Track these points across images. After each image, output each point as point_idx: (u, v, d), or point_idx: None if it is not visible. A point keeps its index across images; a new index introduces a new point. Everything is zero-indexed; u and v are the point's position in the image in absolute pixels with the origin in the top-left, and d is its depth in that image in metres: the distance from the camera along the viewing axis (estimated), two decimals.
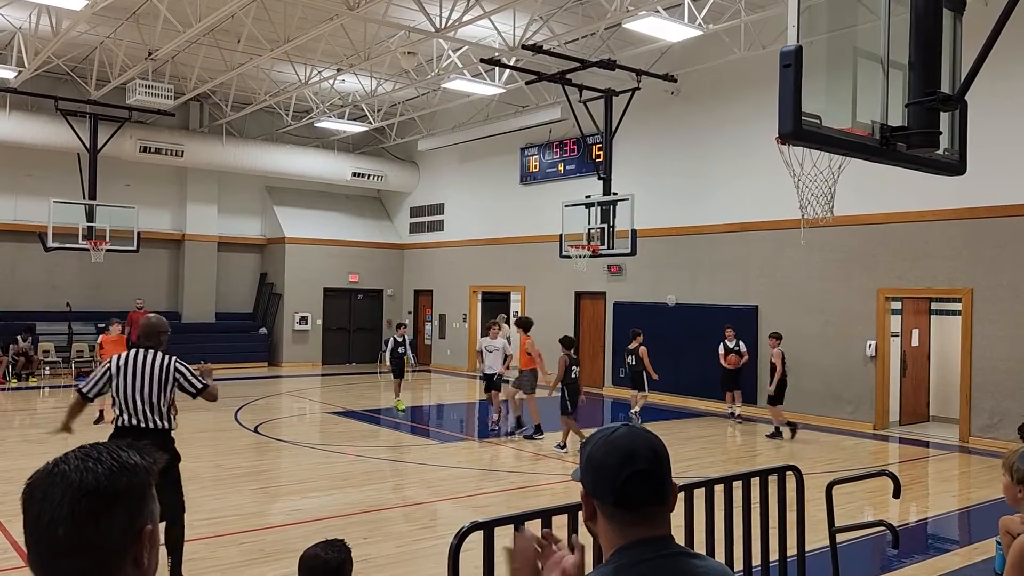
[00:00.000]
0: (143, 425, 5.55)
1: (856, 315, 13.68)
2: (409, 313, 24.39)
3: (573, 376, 11.32)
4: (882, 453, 11.99)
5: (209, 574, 6.06)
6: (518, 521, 3.20)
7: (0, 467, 9.61)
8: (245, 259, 23.44)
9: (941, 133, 3.96)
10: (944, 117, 4.02)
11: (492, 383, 12.99)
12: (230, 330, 22.52)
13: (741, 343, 14.08)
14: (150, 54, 15.13)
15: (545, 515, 3.38)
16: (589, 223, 15.25)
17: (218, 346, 21.49)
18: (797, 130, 3.75)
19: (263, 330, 22.76)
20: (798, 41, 3.80)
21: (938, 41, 3.94)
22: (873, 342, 13.47)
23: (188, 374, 5.77)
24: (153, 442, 4.77)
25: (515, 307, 22.63)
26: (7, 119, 18.27)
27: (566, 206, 15.95)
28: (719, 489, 4.37)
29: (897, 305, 13.91)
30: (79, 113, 18.49)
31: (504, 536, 3.34)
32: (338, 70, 16.25)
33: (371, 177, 23.48)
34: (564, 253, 15.81)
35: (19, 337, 18.12)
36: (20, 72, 15.86)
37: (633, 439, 1.56)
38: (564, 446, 11.32)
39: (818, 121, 3.86)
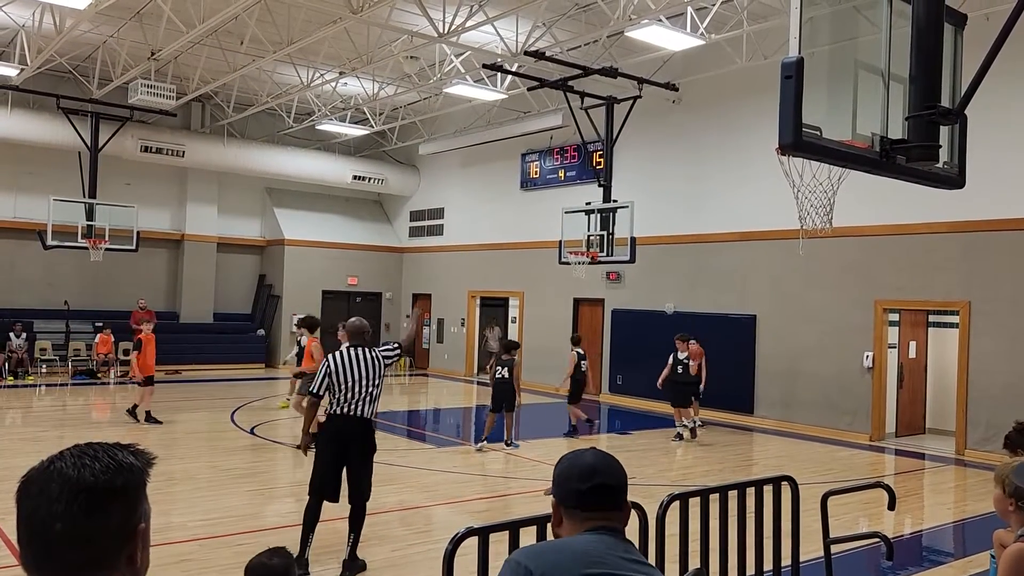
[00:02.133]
0: (358, 414, 6.19)
1: (854, 326, 13.69)
2: (407, 316, 24.37)
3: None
4: (878, 464, 12.00)
5: (205, 575, 6.05)
6: (513, 527, 3.21)
7: None
8: (244, 260, 23.43)
9: (941, 146, 3.98)
10: (944, 130, 4.04)
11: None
12: (228, 331, 22.50)
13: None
14: (153, 54, 15.14)
15: (540, 522, 3.38)
16: (589, 230, 15.27)
17: (216, 347, 21.49)
18: (797, 141, 3.77)
19: (261, 331, 22.74)
20: (799, 52, 3.82)
21: (939, 55, 3.96)
22: (870, 353, 13.48)
23: (387, 350, 6.55)
24: (365, 428, 5.00)
25: (513, 312, 22.65)
26: (8, 117, 18.28)
27: (566, 212, 15.96)
28: (714, 498, 4.37)
29: (895, 317, 13.93)
30: (81, 112, 18.51)
31: (500, 541, 3.34)
32: (340, 73, 16.28)
33: (371, 180, 23.50)
34: (563, 259, 15.83)
35: (11, 333, 18.06)
36: (22, 70, 15.88)
37: (596, 458, 1.88)
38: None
39: (818, 132, 3.87)
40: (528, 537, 3.35)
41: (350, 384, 6.20)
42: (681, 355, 13.03)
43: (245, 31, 14.13)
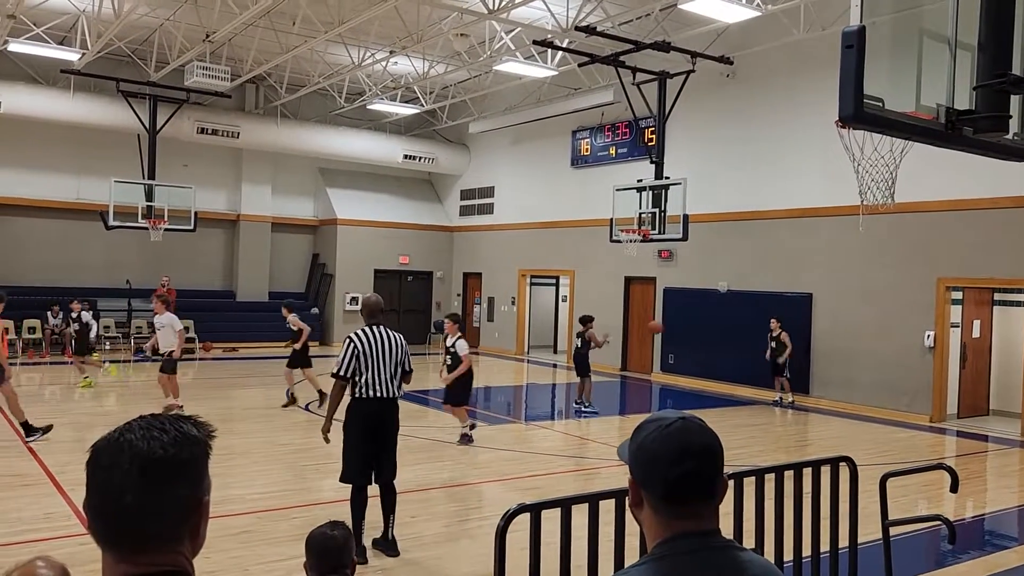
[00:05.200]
0: (387, 396, 6.06)
1: (915, 304, 13.32)
2: (458, 295, 24.53)
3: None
4: (938, 446, 11.70)
5: (260, 547, 6.20)
6: (565, 504, 3.21)
7: (65, 438, 9.97)
8: (298, 239, 23.79)
9: (1011, 117, 3.81)
10: (1015, 100, 3.86)
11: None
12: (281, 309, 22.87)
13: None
14: (208, 36, 15.37)
15: (592, 499, 3.37)
16: (640, 207, 15.10)
17: (271, 324, 21.86)
18: (858, 113, 3.65)
19: (315, 310, 23.11)
20: (861, 21, 3.69)
21: (1010, 20, 3.78)
22: (932, 332, 13.11)
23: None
24: (395, 409, 4.94)
25: (564, 291, 22.59)
26: (71, 100, 18.79)
27: (617, 190, 15.81)
28: (770, 478, 4.31)
29: (958, 295, 13.51)
30: (139, 95, 18.92)
31: (552, 518, 3.35)
32: (391, 52, 16.32)
33: (422, 159, 23.59)
34: (614, 238, 15.70)
35: (48, 313, 18.54)
36: (84, 54, 16.28)
37: (688, 435, 1.53)
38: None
39: (880, 104, 3.75)
40: (580, 515, 3.34)
41: (378, 365, 6.03)
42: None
43: (297, 12, 14.24)
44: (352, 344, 6.03)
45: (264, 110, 21.94)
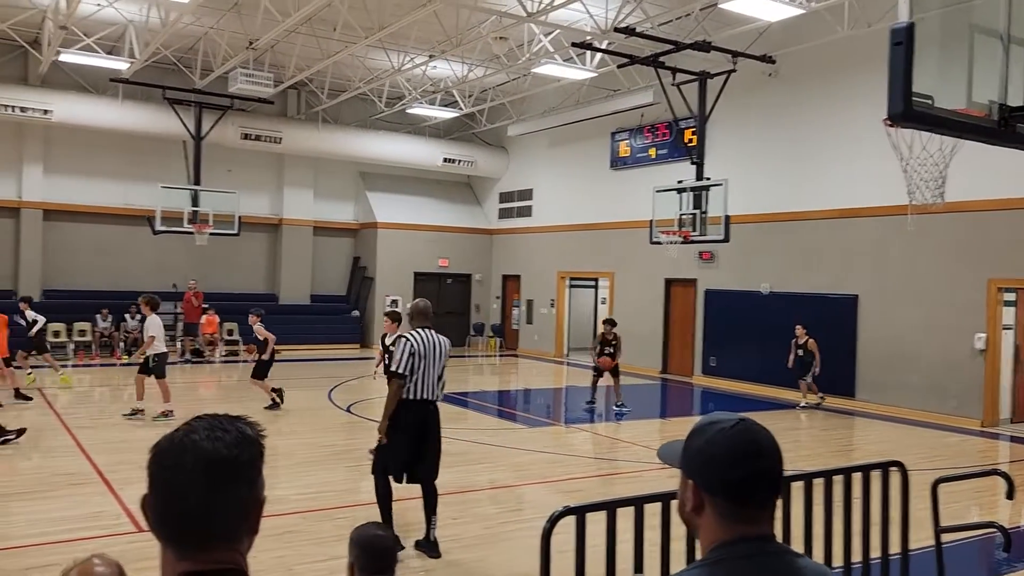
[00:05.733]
0: (432, 398, 6.11)
1: (964, 306, 13.00)
2: (497, 298, 24.57)
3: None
4: (990, 451, 11.40)
5: (305, 547, 6.27)
6: (610, 507, 3.18)
7: (111, 438, 10.19)
8: (339, 243, 24.05)
9: None
10: None
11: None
12: (324, 312, 23.21)
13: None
14: (251, 43, 15.63)
15: (638, 502, 3.34)
16: (681, 209, 14.98)
17: (312, 327, 22.18)
18: (907, 111, 3.58)
19: (355, 312, 23.34)
20: (910, 17, 3.62)
21: None
22: (983, 335, 12.78)
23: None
24: (436, 412, 5.20)
25: (603, 293, 22.52)
26: (120, 108, 19.23)
27: (657, 191, 15.71)
28: (818, 483, 4.24)
29: (1011, 296, 13.15)
30: (185, 102, 19.30)
31: (597, 521, 3.33)
32: (430, 56, 16.42)
33: (461, 163, 23.69)
34: (654, 239, 15.59)
35: (98, 316, 18.98)
36: (132, 63, 16.65)
37: (755, 435, 1.52)
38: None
39: (930, 101, 3.67)
40: (626, 518, 3.32)
41: (428, 367, 6.08)
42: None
43: (338, 18, 14.40)
44: (409, 343, 6.05)
45: (305, 115, 22.23)
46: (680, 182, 15.53)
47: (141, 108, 19.45)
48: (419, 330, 6.19)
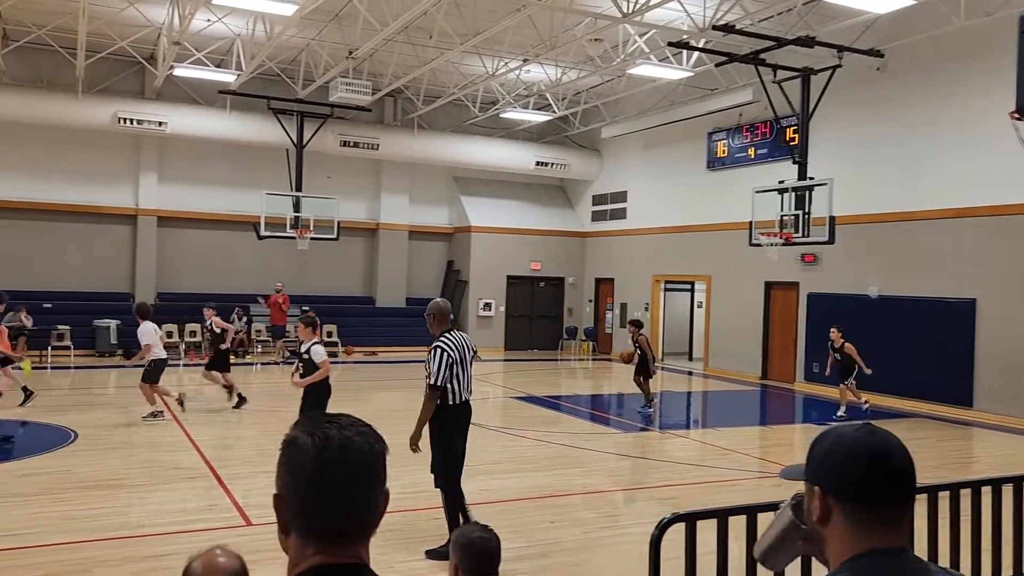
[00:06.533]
0: (468, 399, 6.21)
1: None
2: (590, 301, 24.41)
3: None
4: None
5: (405, 545, 6.32)
6: (721, 515, 3.06)
7: (221, 434, 10.59)
8: (434, 247, 24.40)
9: None
10: None
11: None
12: (419, 315, 23.35)
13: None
14: (351, 53, 16.03)
15: (750, 511, 3.20)
16: (782, 209, 14.51)
17: (408, 330, 22.56)
18: None
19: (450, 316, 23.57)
20: None
21: None
22: None
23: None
24: (470, 411, 5.28)
25: (699, 297, 22.08)
26: (227, 118, 20.08)
27: (757, 192, 15.26)
28: (943, 496, 3.98)
29: None
30: (287, 111, 19.97)
31: (707, 529, 3.20)
32: (524, 60, 16.46)
33: (554, 166, 23.66)
34: (754, 241, 15.16)
35: (234, 316, 19.85)
36: (239, 75, 17.34)
37: (884, 436, 1.44)
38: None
39: None
40: (737, 527, 3.18)
41: (464, 369, 6.11)
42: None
43: (434, 25, 14.60)
44: (445, 353, 5.99)
45: (402, 122, 22.66)
46: (781, 182, 15.04)
47: (247, 118, 20.24)
48: (448, 335, 6.13)
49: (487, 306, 23.34)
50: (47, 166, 19.71)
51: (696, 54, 15.59)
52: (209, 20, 15.65)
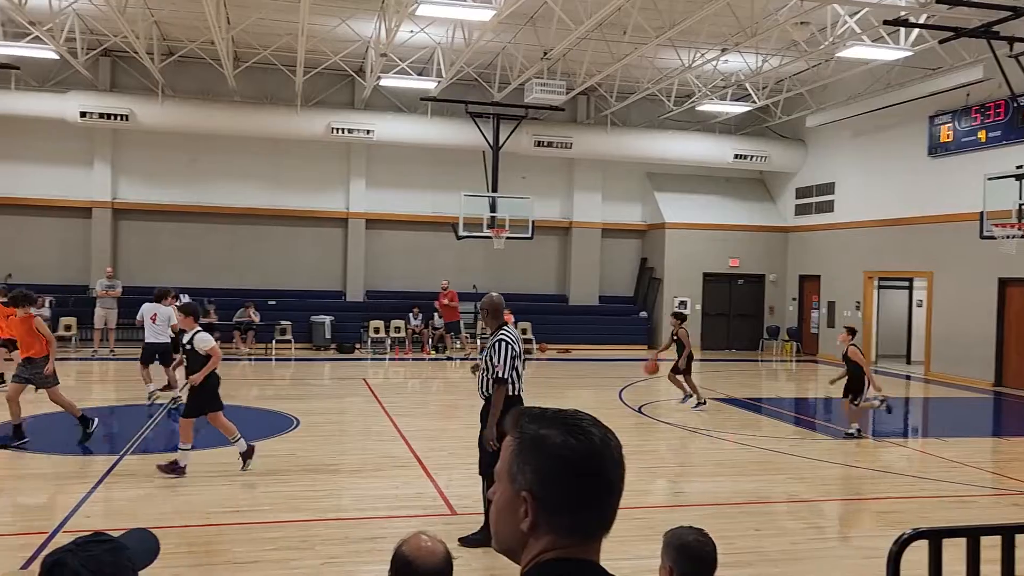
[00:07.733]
0: (521, 393, 6.29)
1: None
2: (793, 299, 23.17)
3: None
4: None
5: (607, 544, 6.24)
6: (972, 534, 2.71)
7: (429, 426, 11.05)
8: (626, 244, 24.17)
9: None
10: None
11: None
12: (612, 312, 23.45)
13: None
14: (545, 54, 16.22)
15: (1007, 531, 2.81)
16: (1020, 198, 13.01)
17: (600, 328, 22.52)
18: None
19: (643, 314, 23.28)
20: None
21: None
22: None
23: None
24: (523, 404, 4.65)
25: (919, 295, 20.36)
26: (428, 124, 21.02)
27: (989, 179, 13.79)
28: None
29: None
30: (484, 115, 20.58)
31: (953, 546, 2.85)
32: (722, 50, 15.88)
33: (754, 158, 22.67)
34: (986, 233, 13.70)
35: (410, 314, 20.69)
36: (439, 82, 18.08)
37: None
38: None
39: None
40: (991, 549, 2.81)
41: (521, 363, 6.26)
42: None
43: (628, 20, 14.43)
44: (509, 346, 6.17)
45: (595, 119, 22.64)
46: (1020, 167, 13.47)
47: (446, 123, 21.06)
48: (506, 329, 6.31)
49: (683, 304, 22.78)
50: (270, 175, 21.55)
51: (916, 31, 14.29)
52: (412, 31, 16.41)
